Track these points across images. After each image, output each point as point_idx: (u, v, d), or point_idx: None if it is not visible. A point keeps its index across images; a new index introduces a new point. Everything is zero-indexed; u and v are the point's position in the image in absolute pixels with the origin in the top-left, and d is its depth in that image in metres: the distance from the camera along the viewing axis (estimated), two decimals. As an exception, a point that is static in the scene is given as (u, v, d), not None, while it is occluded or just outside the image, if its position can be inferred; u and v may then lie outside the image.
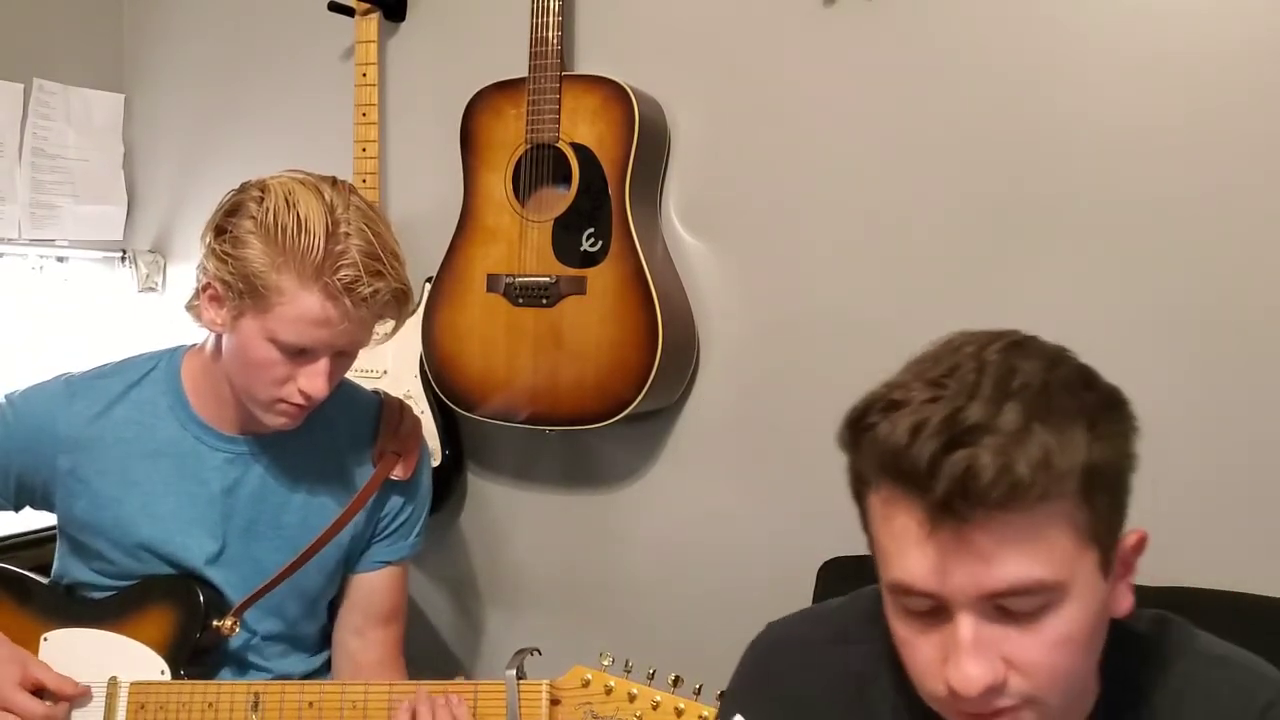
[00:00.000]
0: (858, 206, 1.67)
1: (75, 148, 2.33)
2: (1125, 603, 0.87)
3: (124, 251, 2.44)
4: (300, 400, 1.37)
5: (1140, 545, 0.88)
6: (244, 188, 1.37)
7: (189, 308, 1.43)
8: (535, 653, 1.31)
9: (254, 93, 2.27)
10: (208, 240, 1.36)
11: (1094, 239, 1.51)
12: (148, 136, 2.43)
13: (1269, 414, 1.43)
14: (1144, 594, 1.38)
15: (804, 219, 1.72)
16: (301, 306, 1.30)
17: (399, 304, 1.37)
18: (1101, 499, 0.80)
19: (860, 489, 0.85)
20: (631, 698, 1.26)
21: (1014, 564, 0.77)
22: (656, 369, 1.67)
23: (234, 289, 1.32)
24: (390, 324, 1.42)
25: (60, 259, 2.35)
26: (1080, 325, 1.51)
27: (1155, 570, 1.42)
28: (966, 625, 0.78)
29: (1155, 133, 1.47)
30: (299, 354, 1.34)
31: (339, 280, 1.29)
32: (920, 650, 0.82)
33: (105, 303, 2.42)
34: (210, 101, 2.33)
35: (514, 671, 1.28)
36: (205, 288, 1.37)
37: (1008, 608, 0.78)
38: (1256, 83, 1.42)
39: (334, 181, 1.38)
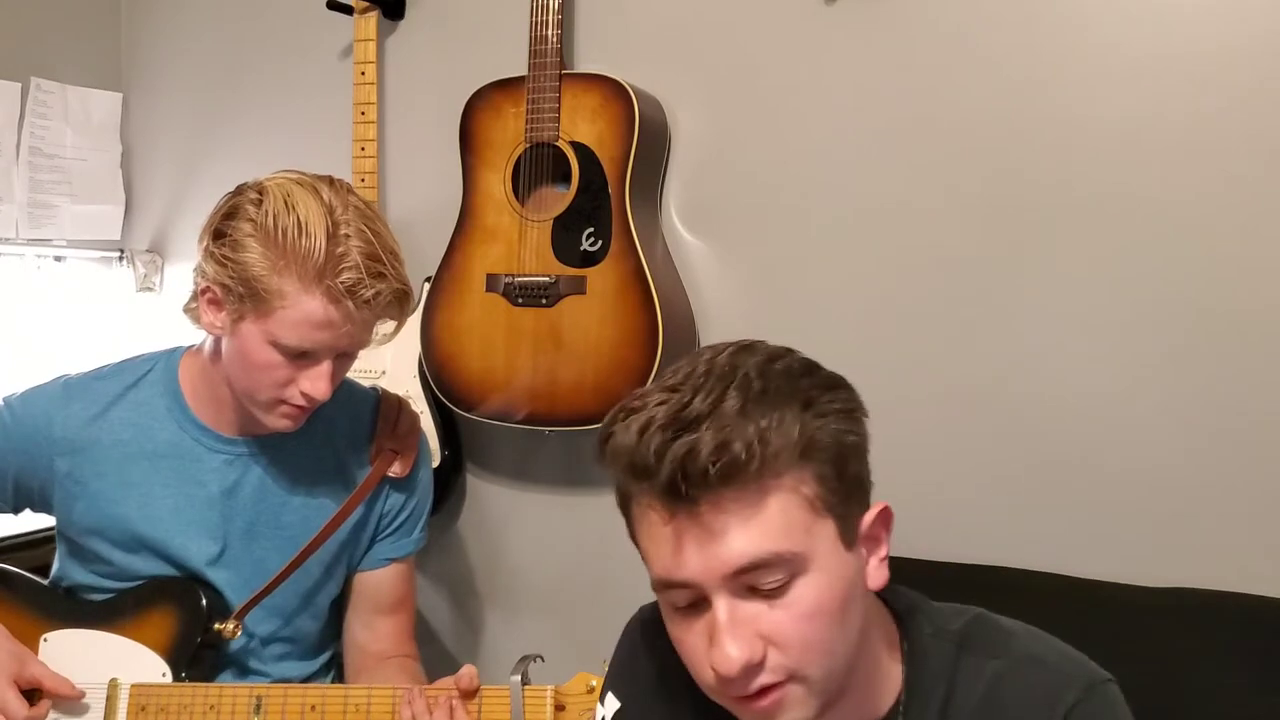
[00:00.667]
0: (858, 206, 1.67)
1: (73, 147, 2.33)
2: (879, 576, 0.91)
3: (122, 251, 2.43)
4: (302, 402, 1.37)
5: (884, 518, 0.91)
6: (240, 190, 1.37)
7: (187, 310, 1.43)
8: (539, 659, 1.31)
9: (252, 92, 2.26)
10: (206, 244, 1.35)
11: (1096, 238, 1.51)
12: (146, 136, 2.43)
13: (1270, 413, 1.43)
14: (1143, 594, 1.40)
15: (805, 218, 1.72)
16: (303, 310, 1.30)
17: (400, 304, 1.37)
18: (826, 470, 0.84)
19: (622, 502, 0.89)
20: None
21: (744, 538, 0.81)
22: (656, 369, 1.67)
23: (234, 293, 1.32)
24: (391, 324, 1.42)
25: (58, 259, 2.35)
26: (1082, 323, 1.52)
27: (1155, 570, 1.43)
28: (721, 607, 0.82)
29: (1156, 130, 1.47)
30: (300, 356, 1.34)
31: (341, 283, 1.29)
32: (689, 644, 0.86)
33: (103, 303, 2.42)
34: (208, 101, 2.33)
35: (519, 677, 1.28)
36: (204, 291, 1.37)
37: (755, 585, 0.82)
38: (1258, 81, 1.41)
39: (331, 181, 1.38)
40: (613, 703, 1.05)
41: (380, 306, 1.34)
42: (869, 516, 0.89)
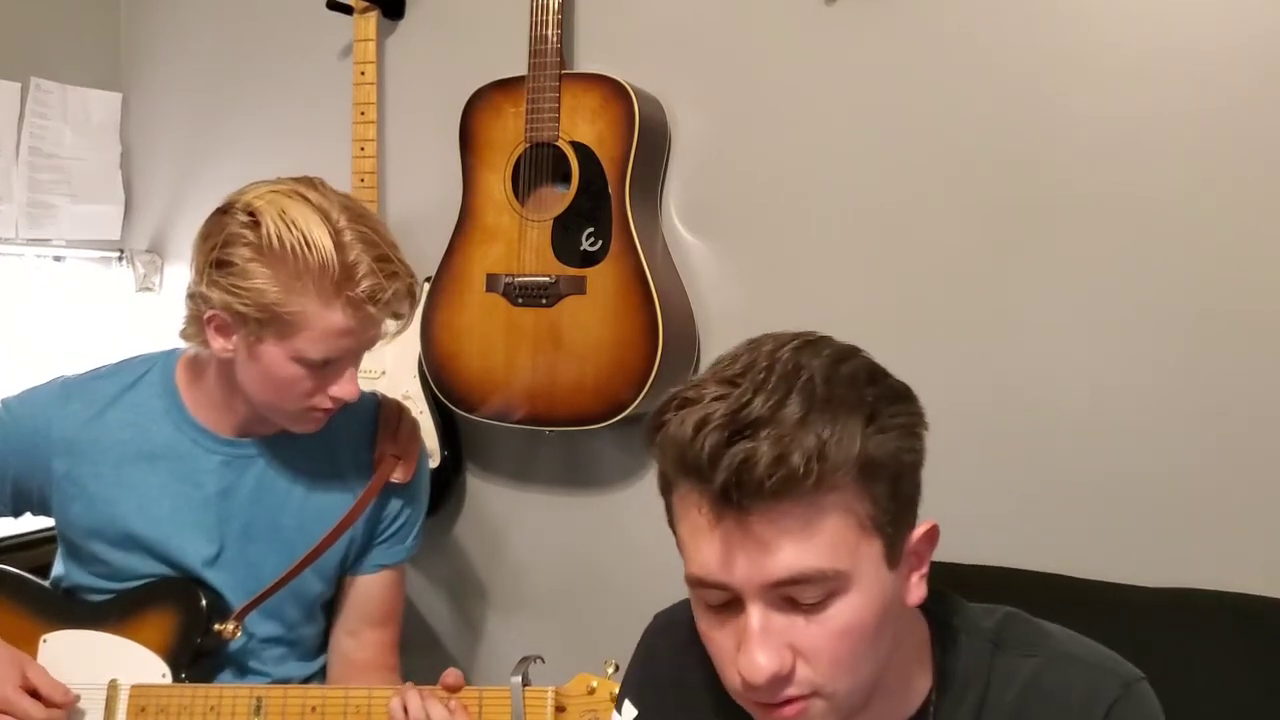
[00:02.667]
0: (859, 205, 1.67)
1: (72, 147, 2.33)
2: (917, 594, 0.89)
3: (121, 251, 2.43)
4: (331, 405, 1.39)
5: (931, 536, 0.89)
6: (227, 211, 1.34)
7: (184, 336, 1.41)
8: (539, 661, 1.31)
9: (252, 92, 2.26)
10: (207, 274, 1.33)
11: (1096, 237, 1.51)
12: (145, 136, 2.42)
13: (1271, 414, 1.42)
14: (1144, 594, 1.40)
15: (805, 218, 1.72)
16: (327, 324, 1.31)
17: (412, 296, 1.39)
18: (881, 489, 0.81)
19: (664, 488, 0.87)
20: None
21: (792, 553, 0.79)
22: (656, 369, 1.67)
23: (249, 319, 1.32)
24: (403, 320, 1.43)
25: (57, 259, 2.35)
26: (1083, 323, 1.52)
27: (1156, 570, 1.43)
28: (755, 615, 0.81)
29: (1156, 130, 1.47)
30: (325, 365, 1.35)
31: (361, 292, 1.30)
32: (718, 642, 0.85)
33: (102, 303, 2.41)
34: (208, 100, 2.33)
35: (519, 678, 1.28)
36: (210, 319, 1.35)
37: (794, 597, 0.80)
38: (1259, 82, 1.41)
39: (309, 182, 1.37)
40: (630, 710, 1.04)
41: (396, 303, 1.36)
42: (916, 534, 0.87)
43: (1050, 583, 1.44)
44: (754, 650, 0.80)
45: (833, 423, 0.79)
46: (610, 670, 1.28)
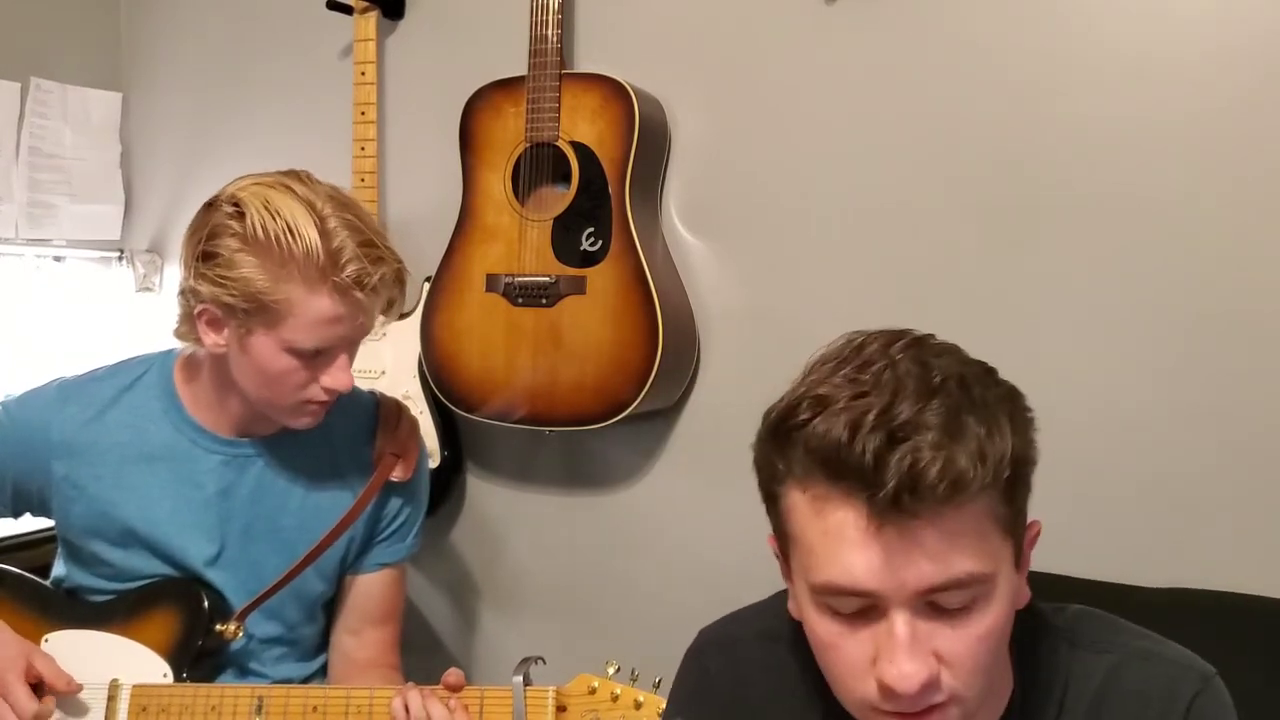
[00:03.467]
0: (859, 205, 1.67)
1: (72, 147, 2.33)
2: (1025, 595, 0.88)
3: (121, 251, 2.43)
4: (325, 397, 1.38)
5: (1037, 536, 0.89)
6: (213, 206, 1.35)
7: (178, 335, 1.42)
8: (540, 661, 1.31)
9: (252, 92, 2.26)
10: (194, 267, 1.34)
11: (1096, 238, 1.51)
12: (145, 136, 2.43)
13: (1271, 414, 1.43)
14: (1143, 595, 1.40)
15: (805, 218, 1.72)
16: (315, 310, 1.31)
17: (400, 281, 1.39)
18: (1020, 491, 0.81)
19: (775, 486, 0.85)
20: (638, 705, 1.26)
21: (956, 558, 0.77)
22: (656, 369, 1.67)
23: (237, 310, 1.32)
24: (392, 310, 1.43)
25: (57, 259, 2.35)
26: (1082, 323, 1.52)
27: (1156, 570, 1.43)
28: (901, 622, 0.78)
29: (1156, 131, 1.47)
30: (316, 355, 1.35)
31: (346, 276, 1.30)
32: (846, 653, 0.82)
33: (102, 302, 2.42)
34: (208, 100, 2.33)
35: (520, 678, 1.28)
36: (200, 314, 1.36)
37: (939, 603, 0.79)
38: (1260, 82, 1.41)
39: (295, 175, 1.38)
40: None
41: (384, 289, 1.35)
42: (1029, 535, 0.87)
43: (1050, 583, 1.44)
44: (902, 659, 0.77)
45: (984, 423, 0.78)
46: (611, 670, 1.28)
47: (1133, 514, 1.50)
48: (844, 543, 0.78)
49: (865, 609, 0.80)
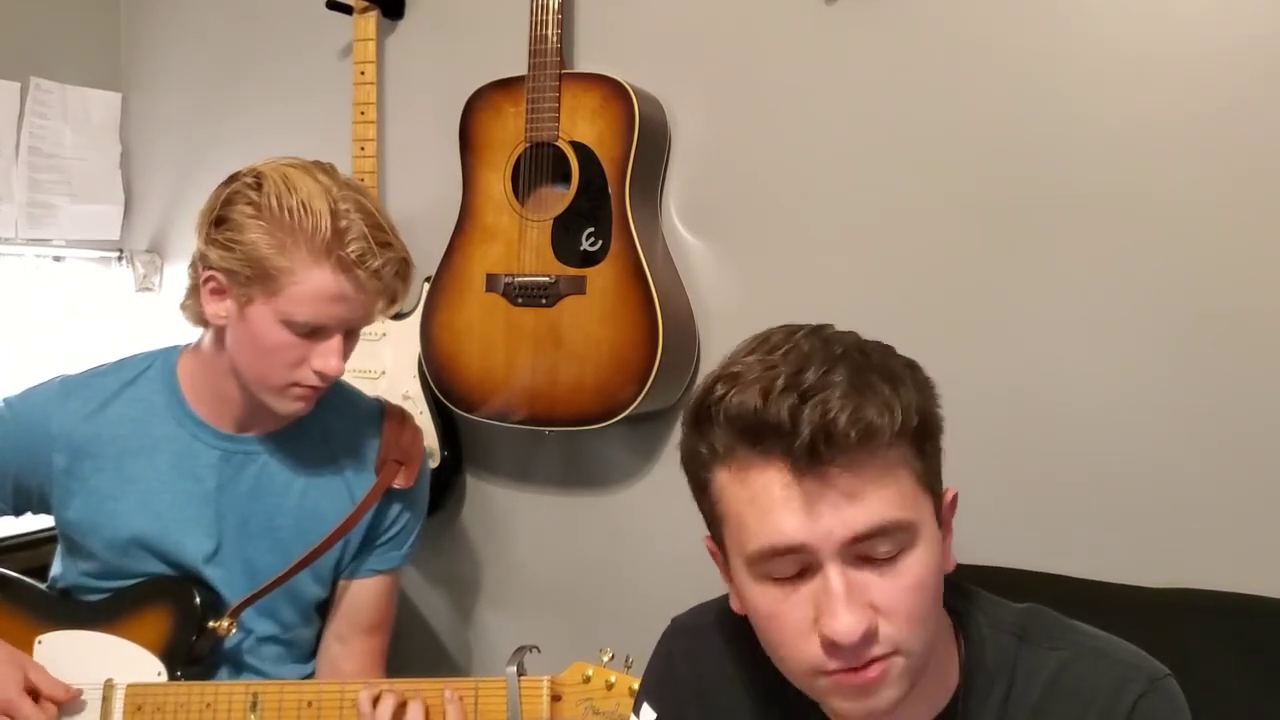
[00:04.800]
0: (858, 205, 1.67)
1: (72, 147, 2.33)
2: (951, 561, 0.91)
3: (121, 251, 2.43)
4: (315, 381, 1.38)
5: (954, 503, 0.92)
6: (235, 177, 1.38)
7: (183, 307, 1.43)
8: (535, 650, 1.31)
9: (251, 91, 2.26)
10: (205, 232, 1.36)
11: (1097, 239, 1.51)
12: (145, 136, 2.43)
13: (1271, 414, 1.42)
14: (1145, 595, 1.39)
15: (805, 218, 1.71)
16: (315, 283, 1.32)
17: (405, 275, 1.39)
18: (930, 446, 0.87)
19: (702, 472, 0.89)
20: (632, 692, 1.26)
21: (876, 503, 0.82)
22: (656, 369, 1.67)
23: (240, 276, 1.33)
24: (400, 298, 1.43)
25: (57, 259, 2.35)
26: (1082, 323, 1.52)
27: (1156, 570, 1.43)
28: (835, 575, 0.82)
29: (1157, 131, 1.47)
30: (312, 334, 1.35)
31: (350, 253, 1.32)
32: (787, 618, 0.84)
33: (102, 302, 2.42)
34: (208, 100, 2.33)
35: (515, 668, 1.28)
36: (206, 280, 1.38)
37: (869, 554, 0.82)
38: (1260, 82, 1.41)
39: (320, 165, 1.40)
40: (649, 712, 1.04)
41: (388, 277, 1.36)
42: (946, 498, 0.91)
43: (1050, 583, 1.44)
44: (840, 610, 0.81)
45: (887, 382, 0.83)
46: (606, 658, 1.28)
47: (1133, 513, 1.50)
48: (771, 503, 0.83)
49: (800, 570, 0.83)
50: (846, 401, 0.80)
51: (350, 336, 1.40)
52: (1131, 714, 0.88)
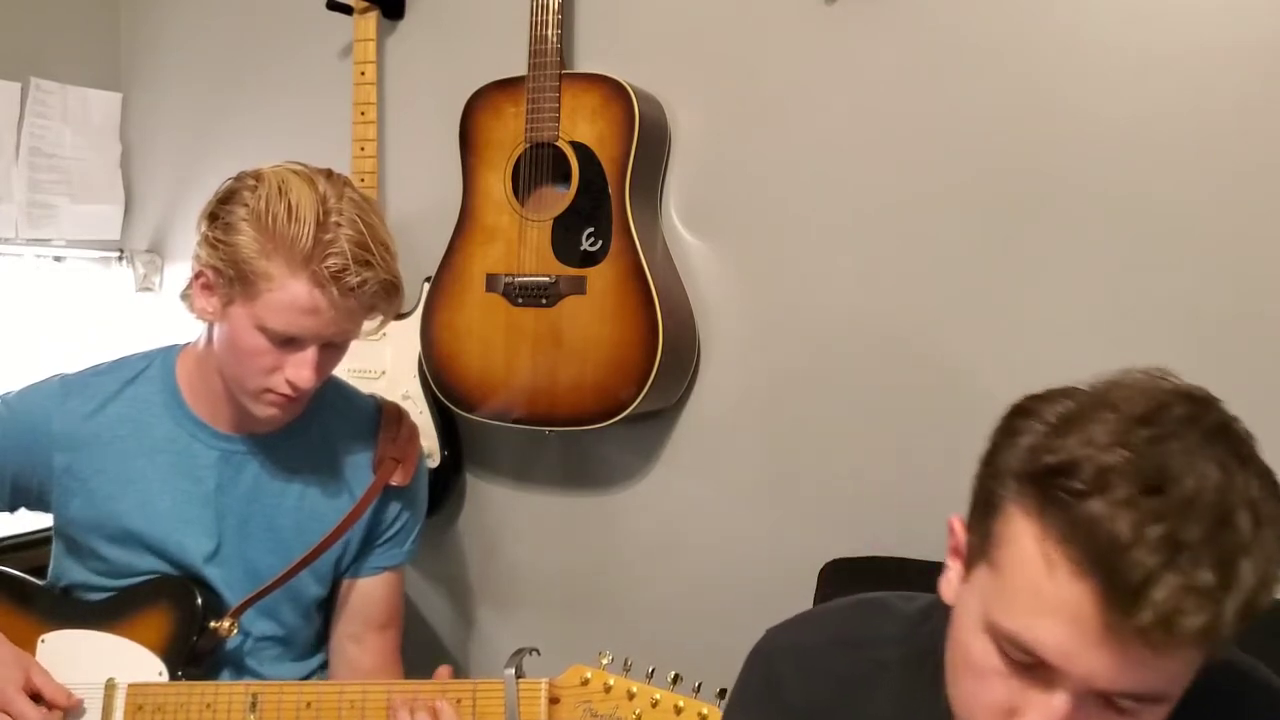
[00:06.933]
0: (859, 205, 1.67)
1: (72, 147, 2.33)
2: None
3: (121, 251, 2.43)
4: (287, 390, 1.36)
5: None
6: (240, 177, 1.38)
7: (183, 296, 1.43)
8: (534, 652, 1.31)
9: (252, 92, 2.26)
10: (202, 228, 1.37)
11: (1098, 238, 1.51)
12: (145, 136, 2.43)
13: (1270, 414, 1.42)
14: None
15: (805, 218, 1.71)
16: (289, 293, 1.30)
17: (387, 296, 1.36)
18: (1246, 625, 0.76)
19: (1008, 506, 0.80)
20: (630, 695, 1.25)
21: (1158, 683, 0.75)
22: (656, 369, 1.67)
23: (224, 275, 1.33)
24: (379, 318, 1.41)
25: (57, 259, 2.35)
26: (1082, 323, 1.52)
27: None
28: (1062, 701, 0.76)
29: (1157, 131, 1.47)
30: (287, 343, 1.34)
31: (327, 268, 1.29)
32: (990, 690, 0.80)
33: (102, 302, 2.41)
34: (208, 100, 2.33)
35: (513, 670, 1.28)
36: (198, 275, 1.38)
37: (1110, 699, 0.76)
38: (1260, 82, 1.41)
39: (329, 174, 1.38)
40: None
41: (366, 296, 1.33)
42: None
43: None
44: None
45: (1258, 571, 0.73)
46: (605, 661, 1.28)
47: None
48: (1053, 613, 0.75)
49: (1034, 667, 0.77)
50: (1209, 600, 0.70)
51: (330, 349, 1.38)
52: None
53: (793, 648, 1.01)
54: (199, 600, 1.43)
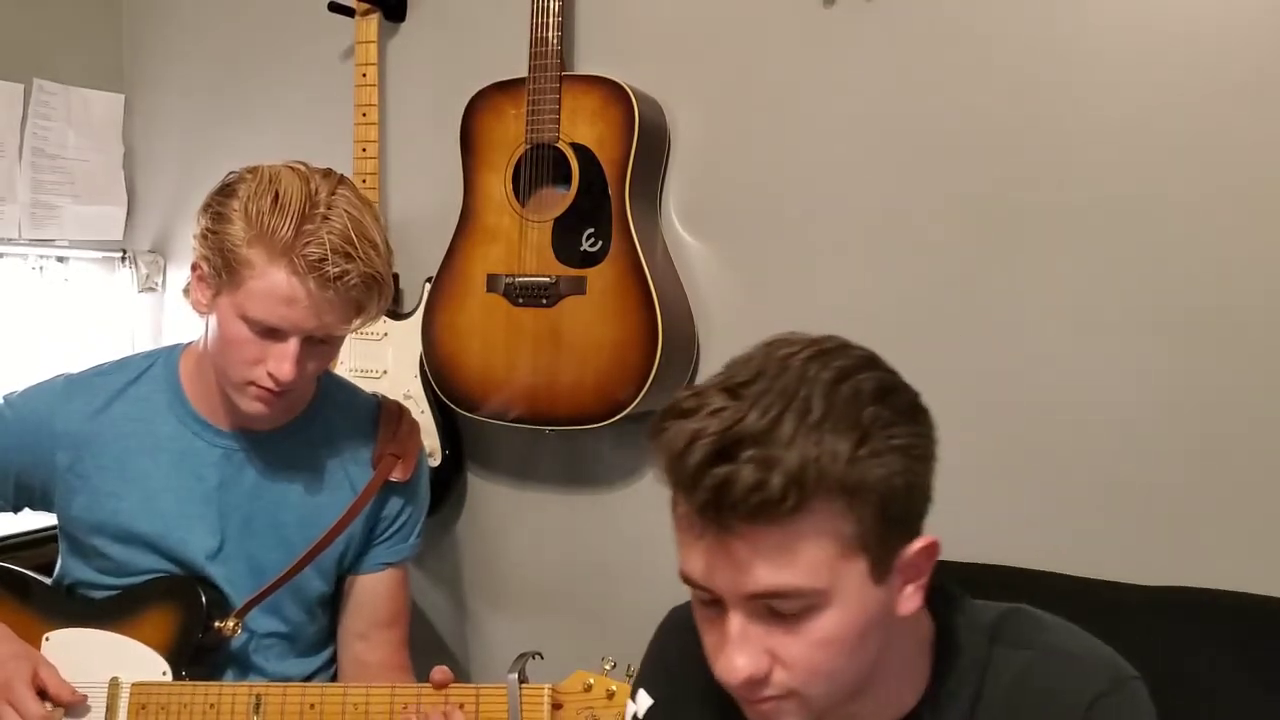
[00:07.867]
0: (858, 206, 1.67)
1: (75, 148, 2.33)
2: (910, 604, 0.89)
3: (124, 252, 2.43)
4: (269, 384, 1.36)
5: (930, 551, 0.89)
6: (239, 171, 1.40)
7: (184, 291, 1.45)
8: (537, 656, 1.31)
9: (254, 93, 2.27)
10: (201, 219, 1.38)
11: (1096, 240, 1.51)
12: (148, 137, 2.43)
13: (1269, 414, 1.43)
14: (1142, 593, 1.40)
15: (804, 219, 1.72)
16: (268, 282, 1.31)
17: (370, 291, 1.36)
18: (867, 511, 0.81)
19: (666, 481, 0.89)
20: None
21: (767, 573, 0.81)
22: (656, 369, 1.68)
23: (213, 265, 1.35)
24: (365, 316, 1.40)
25: (60, 259, 2.35)
26: (1082, 323, 1.52)
27: (1155, 570, 1.43)
28: (734, 621, 0.83)
29: (1157, 132, 1.48)
30: (269, 334, 1.34)
31: (304, 257, 1.30)
32: (708, 635, 0.88)
33: (105, 303, 2.42)
34: (210, 101, 2.33)
35: (516, 675, 1.28)
36: (194, 268, 1.40)
37: (773, 608, 0.83)
38: (1260, 82, 1.42)
39: (328, 173, 1.39)
40: (644, 699, 1.05)
41: (346, 289, 1.32)
42: (911, 549, 0.87)
43: (1047, 581, 1.45)
44: (732, 653, 0.83)
45: (819, 444, 0.79)
46: (608, 667, 1.28)
47: (1128, 512, 1.50)
48: (686, 541, 0.85)
49: (715, 600, 0.85)
50: (758, 468, 0.77)
51: (317, 345, 1.38)
52: (1089, 712, 0.87)
53: (681, 623, 1.05)
54: (204, 599, 1.44)
